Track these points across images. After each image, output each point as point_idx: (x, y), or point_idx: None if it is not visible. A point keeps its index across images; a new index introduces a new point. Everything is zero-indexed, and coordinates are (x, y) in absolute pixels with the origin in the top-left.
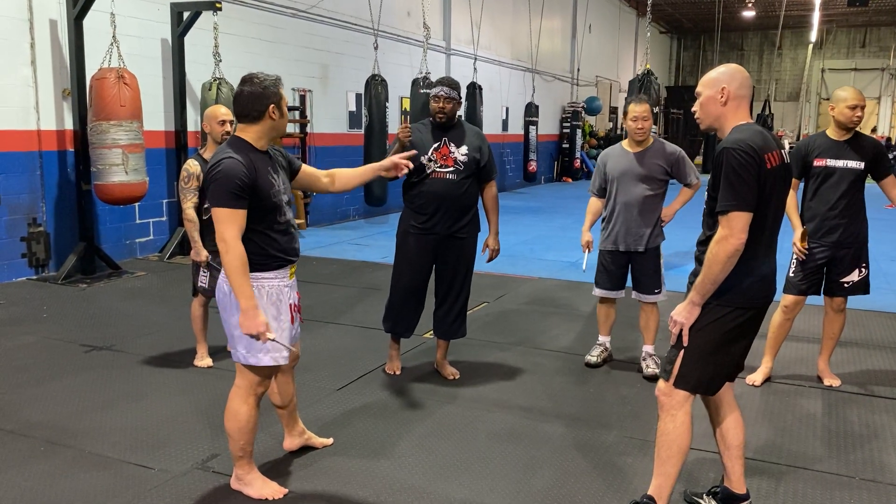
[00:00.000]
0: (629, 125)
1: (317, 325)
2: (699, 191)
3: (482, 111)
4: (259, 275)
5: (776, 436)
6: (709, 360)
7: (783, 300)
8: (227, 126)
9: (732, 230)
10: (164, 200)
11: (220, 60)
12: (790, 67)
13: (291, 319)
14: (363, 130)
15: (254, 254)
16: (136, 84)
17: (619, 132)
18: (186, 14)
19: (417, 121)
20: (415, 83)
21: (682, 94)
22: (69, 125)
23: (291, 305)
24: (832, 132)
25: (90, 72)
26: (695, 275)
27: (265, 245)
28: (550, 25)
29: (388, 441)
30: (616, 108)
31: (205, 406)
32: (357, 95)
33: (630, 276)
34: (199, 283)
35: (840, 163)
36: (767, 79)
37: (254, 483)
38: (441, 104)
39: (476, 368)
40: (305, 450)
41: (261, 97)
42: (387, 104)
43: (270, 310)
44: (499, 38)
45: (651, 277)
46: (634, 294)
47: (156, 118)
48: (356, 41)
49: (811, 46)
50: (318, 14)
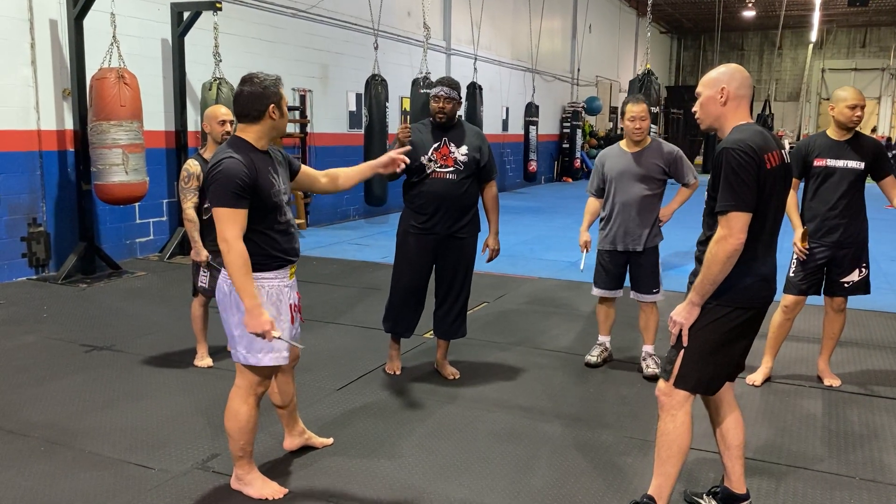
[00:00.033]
0: (627, 125)
1: (317, 325)
2: (697, 191)
3: (482, 111)
4: (259, 275)
5: (776, 436)
6: (709, 360)
7: (783, 300)
8: (228, 126)
9: (731, 230)
10: (165, 200)
11: (221, 60)
12: (790, 67)
13: (291, 319)
14: (363, 130)
15: (254, 254)
16: (137, 84)
17: (620, 132)
18: (186, 14)
19: (417, 121)
20: (415, 83)
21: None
22: (69, 125)
23: (291, 305)
24: (832, 132)
25: (90, 72)
26: (695, 275)
27: (265, 245)
28: (551, 25)
29: (388, 441)
30: (616, 108)
31: (205, 406)
32: (357, 95)
33: (629, 276)
34: (200, 283)
35: (840, 163)
36: (768, 79)
37: (254, 483)
38: (441, 104)
39: (476, 368)
40: (305, 450)
41: (261, 97)
42: (387, 104)
43: (270, 310)
44: (499, 38)
45: (650, 277)
46: (633, 294)
47: (156, 118)
48: (356, 41)
49: (811, 46)
50: (319, 14)
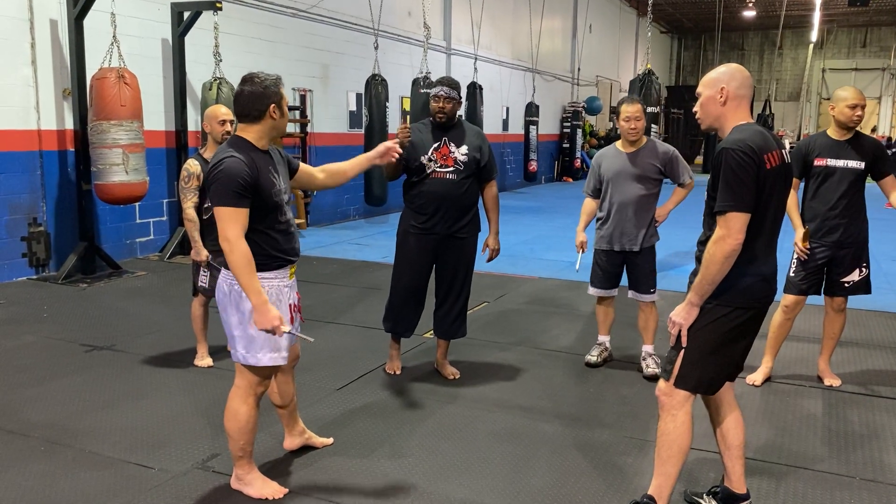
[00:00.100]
0: (622, 125)
1: (317, 325)
2: (695, 191)
3: (482, 111)
4: (259, 275)
5: (776, 436)
6: (709, 360)
7: (783, 300)
8: (228, 126)
9: (730, 230)
10: (165, 200)
11: (221, 60)
12: (791, 67)
13: (291, 319)
14: (363, 130)
15: (254, 254)
16: (137, 84)
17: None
18: (187, 14)
19: (417, 120)
20: (415, 83)
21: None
22: (69, 125)
23: (291, 305)
24: (833, 132)
25: (90, 71)
26: (695, 274)
27: (266, 245)
28: (551, 25)
29: (388, 441)
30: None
31: (205, 406)
32: (357, 95)
33: (627, 277)
34: (200, 283)
35: (840, 162)
36: (768, 79)
37: (254, 483)
38: (441, 104)
39: (476, 368)
40: (306, 449)
41: (261, 97)
42: (387, 104)
43: None
44: (499, 38)
45: (648, 277)
46: (632, 294)
47: (156, 118)
48: (357, 41)
49: (812, 46)
50: (319, 14)
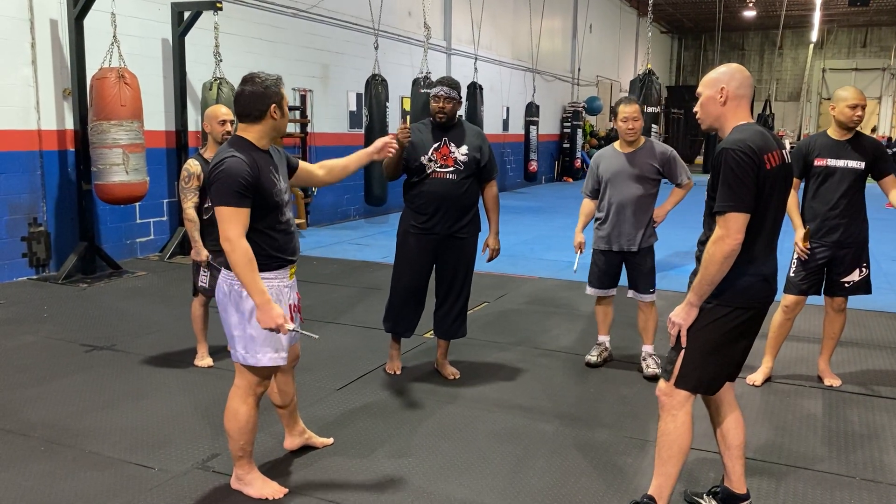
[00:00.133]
0: (619, 126)
1: (317, 325)
2: (695, 191)
3: (483, 111)
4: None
5: (777, 436)
6: (709, 360)
7: (784, 300)
8: (228, 126)
9: (729, 231)
10: (165, 200)
11: (221, 60)
12: (791, 67)
13: (291, 319)
14: (363, 130)
15: (254, 254)
16: (137, 84)
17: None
18: (187, 14)
19: (418, 120)
20: (415, 83)
21: (683, 94)
22: (70, 125)
23: (291, 306)
24: (833, 132)
25: (91, 71)
26: (695, 274)
27: (266, 245)
28: (551, 25)
29: (388, 441)
30: None
31: (205, 406)
32: (357, 95)
33: (626, 277)
34: (200, 283)
35: (840, 162)
36: (768, 78)
37: (254, 483)
38: (441, 104)
39: (476, 368)
40: (306, 449)
41: (262, 97)
42: (387, 104)
43: None
44: (499, 38)
45: (647, 276)
46: (631, 293)
47: (156, 118)
48: (357, 41)
49: (812, 46)
50: (319, 14)
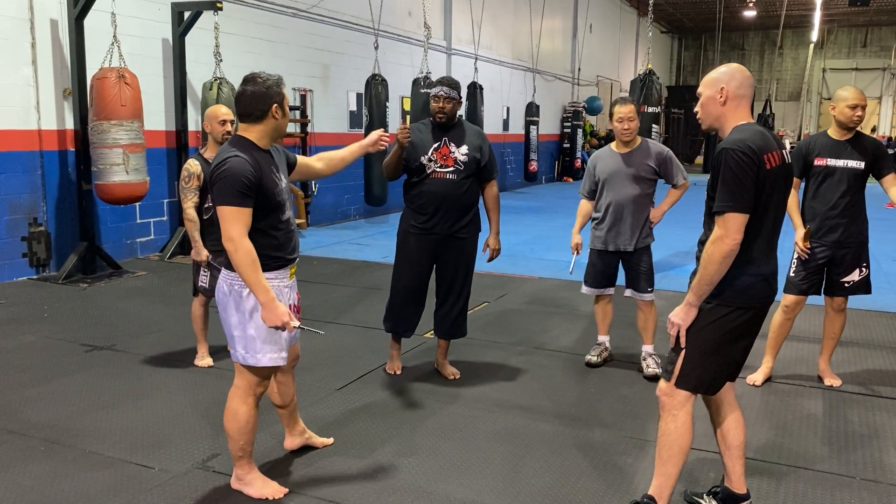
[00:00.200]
0: (615, 126)
1: (317, 325)
2: (693, 190)
3: (483, 111)
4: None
5: (777, 436)
6: (710, 361)
7: (784, 300)
8: (228, 126)
9: (728, 231)
10: (165, 200)
11: (221, 60)
12: (791, 67)
13: None
14: (363, 130)
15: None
16: (137, 84)
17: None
18: (187, 14)
19: (418, 120)
20: (415, 83)
21: (683, 94)
22: (70, 125)
23: (291, 306)
24: (833, 132)
25: (91, 71)
26: (695, 274)
27: (266, 244)
28: (551, 25)
29: (389, 441)
30: None
31: (205, 406)
32: (358, 95)
33: (625, 277)
34: (200, 283)
35: (841, 162)
36: (768, 78)
37: (254, 483)
38: (441, 104)
39: (476, 368)
40: (306, 449)
41: (264, 97)
42: (387, 104)
43: None
44: (500, 38)
45: (645, 276)
46: (630, 293)
47: (156, 118)
48: (357, 41)
49: (812, 46)
50: (319, 14)
